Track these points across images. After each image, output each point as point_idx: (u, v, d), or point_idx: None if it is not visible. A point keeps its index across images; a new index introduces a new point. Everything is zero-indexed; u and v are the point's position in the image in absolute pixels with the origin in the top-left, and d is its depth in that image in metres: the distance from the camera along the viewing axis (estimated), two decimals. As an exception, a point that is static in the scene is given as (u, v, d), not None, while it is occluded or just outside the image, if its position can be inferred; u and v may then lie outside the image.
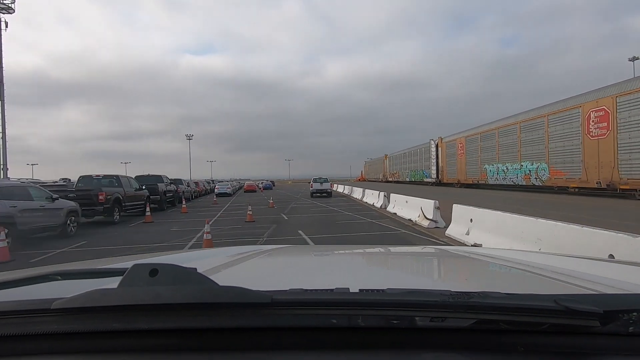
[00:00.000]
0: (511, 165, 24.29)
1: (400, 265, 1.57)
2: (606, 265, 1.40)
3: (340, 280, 1.10)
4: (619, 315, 0.61)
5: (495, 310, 0.62)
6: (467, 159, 31.16)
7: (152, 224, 12.50)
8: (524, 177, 22.75)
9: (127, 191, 13.75)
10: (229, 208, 18.55)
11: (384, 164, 66.03)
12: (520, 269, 1.25)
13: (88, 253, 7.68)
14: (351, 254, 1.92)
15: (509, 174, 24.49)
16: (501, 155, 25.62)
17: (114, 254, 6.90)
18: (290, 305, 0.64)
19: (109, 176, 14.04)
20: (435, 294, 0.64)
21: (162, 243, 8.52)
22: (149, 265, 0.67)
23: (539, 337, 0.63)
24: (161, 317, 0.62)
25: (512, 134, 24.30)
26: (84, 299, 0.62)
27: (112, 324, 0.63)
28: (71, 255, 7.43)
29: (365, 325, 0.63)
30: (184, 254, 2.04)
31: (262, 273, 1.34)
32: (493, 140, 26.87)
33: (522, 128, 23.02)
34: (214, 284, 0.66)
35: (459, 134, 33.93)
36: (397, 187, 31.23)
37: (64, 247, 8.23)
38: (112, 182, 13.68)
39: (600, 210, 11.43)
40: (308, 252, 2.22)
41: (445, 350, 0.63)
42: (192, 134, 74.18)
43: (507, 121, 25.28)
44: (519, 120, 23.55)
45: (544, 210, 11.14)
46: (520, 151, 23.21)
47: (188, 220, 13.34)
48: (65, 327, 0.64)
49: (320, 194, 25.95)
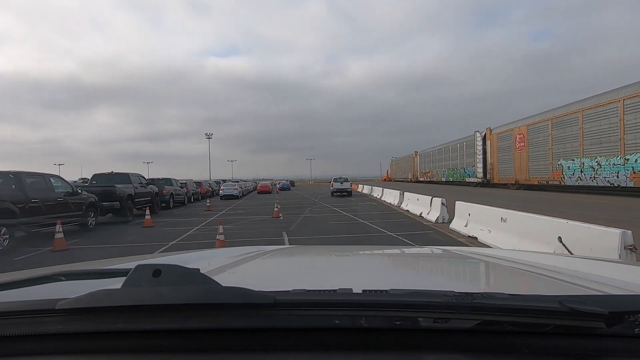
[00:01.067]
0: (606, 160, 17.74)
1: (404, 266, 1.56)
2: (612, 265, 1.39)
3: (343, 281, 1.06)
4: (625, 316, 0.61)
5: (499, 311, 0.62)
6: (530, 153, 24.60)
7: (64, 251, 7.40)
8: (631, 175, 16.18)
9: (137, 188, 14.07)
10: (218, 219, 12.45)
11: (413, 162, 59.24)
12: (525, 270, 1.24)
13: None
14: (354, 254, 1.89)
15: (603, 172, 17.94)
16: (588, 147, 19.05)
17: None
18: (293, 306, 0.64)
19: (120, 174, 14.35)
20: (439, 295, 0.63)
21: None
22: (152, 266, 0.68)
23: (543, 338, 0.63)
24: (164, 318, 0.62)
25: (607, 116, 17.67)
26: (88, 300, 0.62)
27: (116, 324, 0.63)
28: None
29: (368, 326, 0.63)
30: (187, 254, 1.87)
31: (264, 273, 1.33)
32: (573, 127, 20.22)
33: (627, 107, 16.44)
34: (217, 285, 0.66)
35: (515, 122, 27.46)
36: (430, 189, 24.94)
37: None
38: (123, 179, 13.86)
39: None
40: (311, 252, 2.09)
41: (448, 351, 0.62)
42: (211, 133, 70.89)
43: (599, 100, 18.58)
44: (620, 96, 16.92)
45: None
46: (623, 140, 16.66)
47: (124, 246, 8.14)
48: (70, 327, 0.64)
49: (340, 193, 26.28)
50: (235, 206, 19.70)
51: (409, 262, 1.66)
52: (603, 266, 1.36)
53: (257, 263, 1.44)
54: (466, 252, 1.75)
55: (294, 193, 35.60)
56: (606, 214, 10.21)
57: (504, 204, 9.27)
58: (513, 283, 1.19)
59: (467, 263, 1.53)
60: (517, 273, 1.24)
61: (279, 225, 10.78)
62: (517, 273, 1.24)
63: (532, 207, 10.86)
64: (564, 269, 1.21)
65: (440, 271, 1.50)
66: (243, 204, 21.84)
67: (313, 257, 1.77)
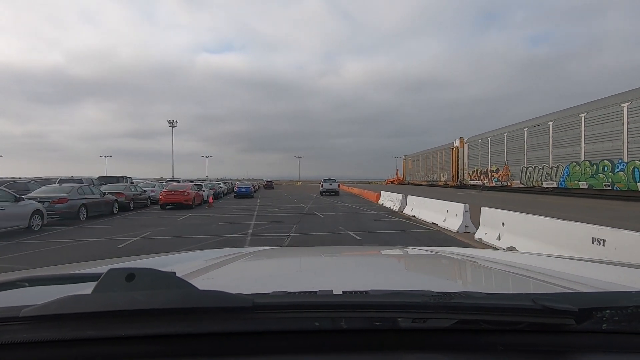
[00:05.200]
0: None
1: (386, 267, 1.54)
2: (585, 264, 1.43)
3: (325, 283, 1.09)
4: (593, 313, 0.62)
5: (475, 310, 0.63)
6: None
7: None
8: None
9: None
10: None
11: (454, 155, 37.83)
12: (503, 270, 1.26)
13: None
14: (337, 255, 1.87)
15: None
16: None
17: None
18: (273, 308, 0.63)
19: None
20: (417, 295, 0.64)
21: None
22: (125, 270, 0.66)
23: (517, 336, 0.64)
24: (139, 324, 0.61)
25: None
26: (56, 306, 0.60)
27: (87, 331, 0.61)
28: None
29: (348, 327, 0.63)
30: (162, 257, 1.82)
31: (244, 276, 1.31)
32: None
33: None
34: (194, 289, 0.65)
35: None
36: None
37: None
38: None
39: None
40: (293, 254, 2.13)
41: (427, 351, 0.63)
42: (175, 120, 58.08)
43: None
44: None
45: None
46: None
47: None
48: (36, 335, 0.61)
49: (329, 193, 27.73)
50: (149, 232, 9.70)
51: (391, 263, 1.68)
52: (577, 265, 1.41)
53: (237, 265, 1.41)
54: (447, 253, 1.79)
55: (265, 200, 23.71)
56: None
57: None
58: (490, 282, 1.22)
59: (448, 263, 1.57)
60: (494, 272, 1.28)
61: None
62: (494, 272, 1.27)
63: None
64: (540, 267, 1.24)
65: (421, 271, 1.52)
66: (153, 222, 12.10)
67: (295, 258, 1.76)
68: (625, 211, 12.95)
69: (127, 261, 1.55)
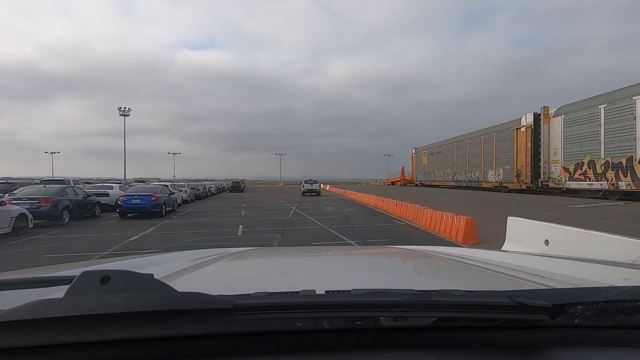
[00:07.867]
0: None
1: (368, 266, 1.54)
2: (560, 262, 1.47)
3: (307, 283, 1.07)
4: (566, 308, 0.64)
5: (454, 308, 0.64)
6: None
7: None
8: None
9: None
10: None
11: (522, 139, 22.24)
12: (481, 267, 1.28)
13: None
14: (319, 255, 1.89)
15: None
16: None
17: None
18: (254, 309, 0.62)
19: None
20: (398, 294, 0.64)
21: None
22: (99, 272, 0.64)
23: (495, 332, 0.66)
24: (115, 328, 0.59)
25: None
26: (25, 311, 0.57)
27: (59, 336, 0.58)
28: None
29: (330, 327, 0.63)
30: (139, 259, 1.76)
31: (225, 277, 1.30)
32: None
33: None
34: (172, 291, 0.64)
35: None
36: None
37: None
38: None
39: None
40: (275, 254, 2.14)
41: (408, 349, 0.64)
42: (129, 108, 46.18)
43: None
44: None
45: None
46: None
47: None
48: (4, 342, 0.58)
49: (310, 194, 28.56)
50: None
51: (373, 262, 1.69)
52: (554, 262, 1.44)
53: (218, 266, 1.39)
54: (428, 251, 1.79)
55: (206, 212, 16.45)
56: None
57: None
58: (469, 280, 1.24)
59: (428, 262, 1.59)
60: (472, 270, 1.29)
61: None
62: (473, 270, 1.29)
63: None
64: (517, 265, 1.27)
65: (403, 270, 1.54)
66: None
67: (277, 258, 1.75)
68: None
69: (102, 263, 1.50)
